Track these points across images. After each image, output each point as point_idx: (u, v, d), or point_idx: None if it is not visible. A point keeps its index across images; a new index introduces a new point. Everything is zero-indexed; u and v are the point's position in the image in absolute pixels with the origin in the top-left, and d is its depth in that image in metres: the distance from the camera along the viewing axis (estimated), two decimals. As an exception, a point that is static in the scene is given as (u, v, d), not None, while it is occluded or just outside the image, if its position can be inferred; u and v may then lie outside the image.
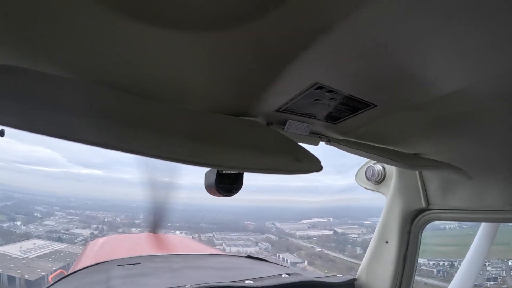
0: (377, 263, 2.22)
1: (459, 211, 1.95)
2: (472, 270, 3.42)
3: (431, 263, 10.56)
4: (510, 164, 1.73)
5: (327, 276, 2.25)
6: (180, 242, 4.49)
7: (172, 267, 2.28)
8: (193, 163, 0.70)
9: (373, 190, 2.26)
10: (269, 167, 0.86)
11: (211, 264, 2.50)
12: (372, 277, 2.23)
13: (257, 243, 15.49)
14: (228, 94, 0.89)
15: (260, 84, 0.84)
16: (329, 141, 1.40)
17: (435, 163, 1.55)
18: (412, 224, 2.16)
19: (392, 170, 2.17)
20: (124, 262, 2.38)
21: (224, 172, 1.21)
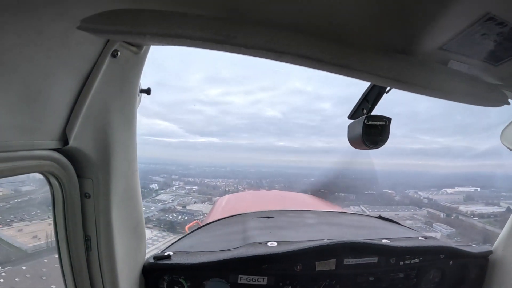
0: None
1: None
2: None
3: None
4: None
5: (463, 245, 2.04)
6: (307, 200, 4.65)
7: (306, 222, 2.33)
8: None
9: None
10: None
11: (344, 222, 2.45)
12: (511, 252, 1.89)
13: (431, 224, 11.54)
14: (387, 30, 0.86)
15: (423, 18, 0.79)
16: None
17: None
18: None
19: None
20: (258, 216, 2.52)
21: (370, 122, 1.18)
